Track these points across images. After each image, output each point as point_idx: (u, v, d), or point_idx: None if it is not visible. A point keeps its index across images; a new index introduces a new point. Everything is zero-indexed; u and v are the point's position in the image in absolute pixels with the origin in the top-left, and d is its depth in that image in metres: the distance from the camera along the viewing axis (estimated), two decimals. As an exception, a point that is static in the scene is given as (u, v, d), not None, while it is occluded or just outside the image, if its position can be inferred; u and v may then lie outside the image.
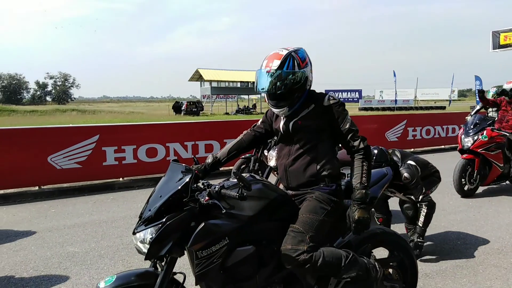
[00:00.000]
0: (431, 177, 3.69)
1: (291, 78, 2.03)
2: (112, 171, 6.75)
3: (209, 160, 2.25)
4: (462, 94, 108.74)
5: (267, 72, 2.05)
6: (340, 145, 2.20)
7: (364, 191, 2.01)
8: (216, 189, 1.88)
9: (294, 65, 2.05)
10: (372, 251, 2.46)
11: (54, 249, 3.90)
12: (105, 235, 4.31)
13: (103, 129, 6.86)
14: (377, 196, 2.47)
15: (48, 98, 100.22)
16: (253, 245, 1.96)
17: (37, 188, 6.18)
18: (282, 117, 2.18)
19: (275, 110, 2.15)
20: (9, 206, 5.58)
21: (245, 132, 2.40)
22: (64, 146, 6.30)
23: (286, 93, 2.06)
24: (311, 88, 2.20)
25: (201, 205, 1.88)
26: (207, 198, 1.88)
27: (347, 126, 2.08)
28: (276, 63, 2.04)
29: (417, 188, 3.46)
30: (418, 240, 3.55)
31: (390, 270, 2.51)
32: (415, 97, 49.23)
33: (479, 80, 29.99)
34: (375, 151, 3.45)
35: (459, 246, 3.86)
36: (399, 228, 4.01)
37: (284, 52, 2.07)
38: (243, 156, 6.11)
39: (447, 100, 46.04)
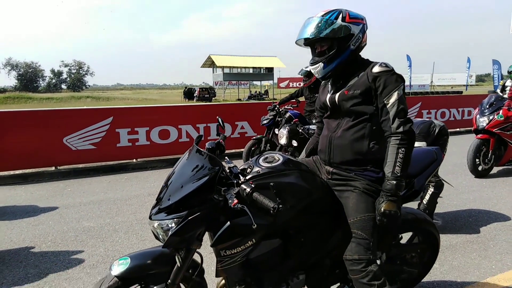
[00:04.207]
0: (437, 141, 3.57)
1: (328, 26, 1.82)
2: (126, 152, 6.87)
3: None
4: (480, 79, 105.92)
5: (308, 19, 1.89)
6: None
7: (395, 182, 1.72)
8: (247, 191, 1.62)
9: (337, 17, 1.85)
10: (401, 236, 2.36)
11: (70, 224, 4.02)
12: (119, 211, 4.43)
13: (117, 111, 6.96)
14: (420, 190, 2.15)
15: (63, 86, 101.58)
16: (280, 237, 1.83)
17: (53, 168, 6.34)
18: (328, 90, 2.00)
19: (311, 68, 1.96)
20: (27, 185, 5.76)
21: (316, 132, 2.28)
22: (79, 128, 6.44)
23: (322, 43, 1.88)
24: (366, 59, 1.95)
25: (227, 204, 1.68)
26: (235, 201, 1.65)
27: (392, 101, 1.74)
28: (321, 13, 1.89)
29: None
30: None
31: (413, 254, 2.38)
32: (431, 82, 48.21)
33: (497, 64, 29.14)
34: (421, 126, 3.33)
35: (470, 223, 3.84)
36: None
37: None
38: (253, 138, 6.15)
39: (464, 85, 45.02)
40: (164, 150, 7.12)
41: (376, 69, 1.80)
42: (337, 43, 1.85)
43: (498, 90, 7.18)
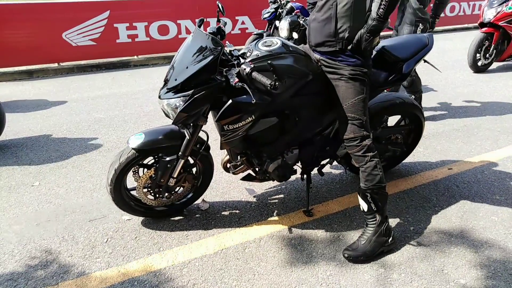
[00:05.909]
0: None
1: None
2: (126, 48, 6.82)
3: None
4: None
5: None
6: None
7: (373, 22, 1.78)
8: (247, 70, 1.73)
9: None
10: (388, 117, 2.57)
11: (82, 116, 4.26)
12: (126, 104, 4.63)
13: (113, 4, 6.71)
14: (409, 73, 2.25)
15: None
16: (276, 116, 2.00)
17: (56, 64, 6.39)
18: None
19: None
20: (33, 80, 5.89)
21: None
22: (76, 23, 6.31)
23: None
24: None
25: (229, 83, 1.81)
26: (236, 80, 1.77)
27: None
28: None
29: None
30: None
31: (398, 135, 2.59)
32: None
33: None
34: None
35: (459, 113, 4.05)
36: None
37: None
38: (255, 33, 6.05)
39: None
40: (164, 46, 7.06)
41: None
42: None
43: None
